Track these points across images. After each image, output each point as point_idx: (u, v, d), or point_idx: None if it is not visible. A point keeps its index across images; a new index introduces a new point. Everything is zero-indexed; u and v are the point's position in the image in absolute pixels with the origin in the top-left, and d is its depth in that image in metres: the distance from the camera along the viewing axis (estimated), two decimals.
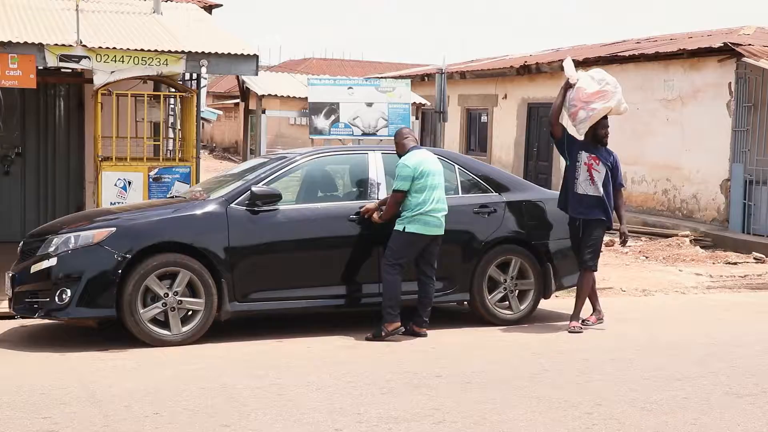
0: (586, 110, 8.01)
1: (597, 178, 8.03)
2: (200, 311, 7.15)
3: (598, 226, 8.05)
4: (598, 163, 8.05)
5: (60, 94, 11.97)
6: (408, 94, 12.89)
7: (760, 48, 14.49)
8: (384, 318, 7.42)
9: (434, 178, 7.55)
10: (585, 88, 8.06)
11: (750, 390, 6.01)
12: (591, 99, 8.01)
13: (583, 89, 8.06)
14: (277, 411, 5.36)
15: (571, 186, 8.10)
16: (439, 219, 7.55)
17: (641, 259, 12.79)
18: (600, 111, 8.01)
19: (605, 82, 8.12)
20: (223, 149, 41.38)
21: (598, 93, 8.03)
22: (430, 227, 7.51)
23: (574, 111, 8.08)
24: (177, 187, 9.44)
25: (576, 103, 8.06)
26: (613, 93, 8.09)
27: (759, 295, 10.56)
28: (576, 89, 8.09)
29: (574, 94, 8.08)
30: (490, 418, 5.30)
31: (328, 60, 50.70)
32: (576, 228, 8.13)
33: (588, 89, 8.05)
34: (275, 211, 7.49)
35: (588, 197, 8.03)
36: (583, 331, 7.89)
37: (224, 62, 9.50)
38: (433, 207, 7.50)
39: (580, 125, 8.12)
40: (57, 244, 7.06)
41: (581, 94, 8.04)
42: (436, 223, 7.53)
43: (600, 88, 8.06)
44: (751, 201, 14.05)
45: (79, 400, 5.51)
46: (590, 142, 8.15)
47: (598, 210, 8.03)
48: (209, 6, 13.71)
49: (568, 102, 8.16)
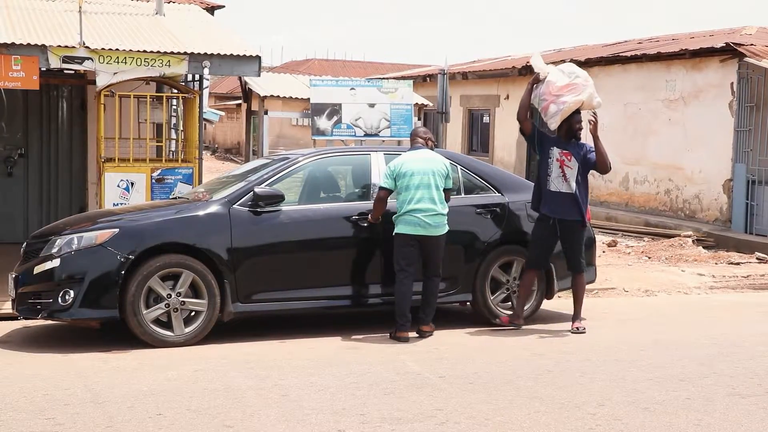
0: (556, 104, 7.92)
1: (569, 174, 7.94)
2: (203, 312, 7.15)
3: (576, 229, 7.97)
4: (570, 158, 7.97)
5: (63, 96, 11.99)
6: (410, 95, 12.90)
7: (762, 48, 14.48)
8: (396, 326, 7.45)
9: (416, 178, 7.46)
10: (555, 82, 7.97)
11: (754, 390, 6.00)
12: (561, 92, 7.93)
13: (553, 83, 7.97)
14: (280, 411, 5.36)
15: (543, 183, 8.01)
16: (422, 219, 7.44)
17: (644, 260, 12.78)
18: (571, 104, 7.93)
19: (575, 75, 8.04)
20: (225, 150, 41.39)
21: (569, 86, 7.95)
22: (413, 227, 7.45)
23: (545, 105, 7.98)
24: (179, 188, 9.45)
25: (546, 97, 7.96)
26: (584, 86, 8.02)
27: (762, 295, 10.55)
28: (546, 83, 7.99)
29: (545, 87, 7.99)
30: (493, 418, 5.30)
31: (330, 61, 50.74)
32: (547, 227, 7.95)
33: (558, 82, 7.96)
34: (278, 212, 7.50)
35: (561, 195, 7.93)
36: (587, 331, 7.88)
37: (226, 63, 9.52)
38: (414, 207, 7.43)
39: (551, 119, 8.01)
40: (60, 245, 7.07)
41: (551, 87, 7.96)
42: (419, 223, 7.44)
43: (570, 81, 7.98)
44: (753, 201, 14.04)
45: (83, 401, 5.52)
46: (562, 137, 8.07)
47: (572, 210, 7.92)
48: (211, 7, 13.72)
49: (538, 97, 8.06)
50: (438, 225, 7.51)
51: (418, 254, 7.53)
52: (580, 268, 8.02)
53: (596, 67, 17.92)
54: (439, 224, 7.52)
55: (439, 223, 7.51)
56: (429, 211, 7.45)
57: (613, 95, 17.44)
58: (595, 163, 8.02)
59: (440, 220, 7.52)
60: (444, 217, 7.55)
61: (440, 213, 7.51)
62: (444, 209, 7.56)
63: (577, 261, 8.00)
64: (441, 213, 7.52)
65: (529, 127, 8.11)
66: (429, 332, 7.60)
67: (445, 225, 7.57)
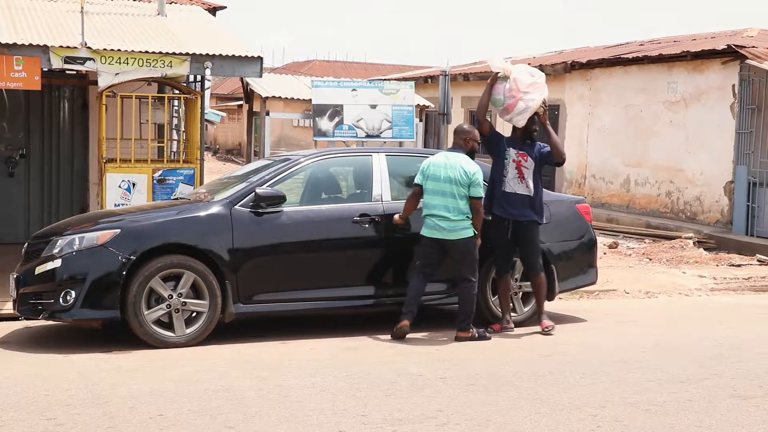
0: (525, 101, 7.91)
1: (527, 174, 7.92)
2: (204, 313, 7.16)
3: (534, 230, 7.92)
4: (527, 159, 7.96)
5: (64, 96, 12.00)
6: (412, 96, 12.90)
7: (764, 50, 14.47)
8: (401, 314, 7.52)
9: (436, 184, 7.52)
10: (522, 80, 7.97)
11: (754, 392, 6.00)
12: (529, 90, 7.94)
13: (520, 80, 7.96)
14: (281, 412, 5.36)
15: (498, 184, 7.97)
16: (437, 223, 7.48)
17: (645, 261, 12.78)
18: (538, 101, 7.94)
19: (538, 75, 8.11)
20: (226, 151, 41.41)
21: (534, 84, 7.98)
22: (430, 230, 7.54)
23: (512, 103, 7.93)
24: (181, 189, 9.45)
25: (514, 94, 7.92)
26: (544, 85, 8.09)
27: (763, 297, 10.55)
28: (513, 80, 7.95)
29: (512, 85, 7.94)
30: (494, 419, 5.30)
31: (331, 62, 50.78)
32: (504, 228, 7.91)
33: (525, 80, 7.97)
34: (279, 213, 7.50)
35: (517, 196, 7.90)
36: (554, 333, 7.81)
37: (228, 64, 9.52)
38: (430, 212, 7.51)
39: (518, 117, 7.96)
40: (61, 245, 7.07)
41: (519, 85, 7.94)
42: (435, 226, 7.51)
43: (534, 80, 8.01)
44: (754, 203, 14.04)
45: (84, 402, 5.52)
46: (518, 137, 8.04)
47: (529, 210, 7.90)
48: (213, 8, 13.73)
49: (503, 95, 7.98)
50: (452, 230, 7.48)
51: (438, 257, 7.57)
52: (537, 268, 7.95)
53: (597, 69, 17.93)
54: (453, 229, 7.48)
55: (453, 227, 7.48)
56: (441, 217, 7.49)
57: (615, 97, 17.46)
58: (550, 154, 7.99)
59: (453, 225, 7.47)
60: (457, 223, 7.47)
61: (450, 219, 7.47)
62: (457, 216, 7.47)
63: (535, 261, 7.94)
64: (453, 219, 7.47)
65: (487, 127, 8.09)
66: (465, 338, 7.51)
67: (461, 230, 7.49)
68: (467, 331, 7.52)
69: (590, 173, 18.16)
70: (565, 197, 9.29)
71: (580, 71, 18.33)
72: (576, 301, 9.72)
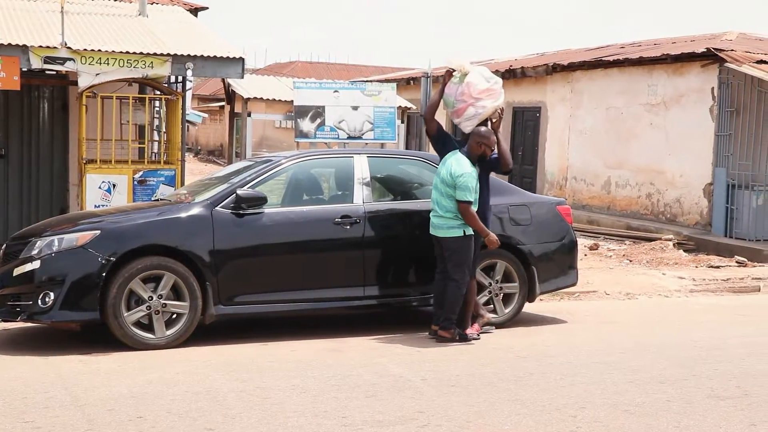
0: (475, 107, 7.75)
1: None
2: (185, 314, 7.13)
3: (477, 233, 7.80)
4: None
5: (44, 96, 11.92)
6: (394, 98, 12.92)
7: (743, 53, 14.60)
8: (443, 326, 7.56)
9: (436, 180, 7.67)
10: (476, 84, 7.77)
11: (732, 393, 6.05)
12: (481, 96, 7.76)
13: (473, 85, 7.77)
14: (261, 414, 5.35)
15: None
16: (431, 219, 7.64)
17: (625, 263, 12.84)
18: (489, 110, 7.79)
19: (494, 81, 7.90)
20: (208, 152, 41.29)
21: (488, 91, 7.79)
22: (430, 226, 7.68)
23: (462, 107, 7.78)
24: (162, 190, 9.43)
25: (466, 99, 7.76)
26: (500, 92, 7.89)
27: (741, 298, 10.63)
28: (467, 84, 7.76)
29: (464, 89, 7.76)
30: (475, 421, 5.32)
31: (313, 63, 50.73)
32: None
33: (479, 86, 7.77)
34: (260, 214, 7.49)
35: None
36: (494, 331, 7.83)
37: (210, 65, 9.51)
38: (431, 207, 7.67)
39: (467, 122, 7.82)
40: (40, 246, 7.03)
41: (472, 89, 7.76)
42: (431, 223, 7.65)
43: (489, 86, 7.81)
44: (733, 205, 14.15)
45: (62, 404, 5.49)
46: (467, 140, 7.88)
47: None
48: (195, 9, 13.70)
49: (454, 97, 7.82)
50: (440, 227, 7.57)
51: (441, 253, 7.64)
52: (474, 273, 7.83)
53: (579, 71, 18.02)
54: (442, 226, 7.55)
55: (441, 225, 7.56)
56: (434, 214, 7.63)
57: (596, 99, 17.54)
58: (497, 162, 7.93)
59: (443, 222, 7.55)
60: (445, 220, 7.52)
61: (441, 216, 7.57)
62: (445, 214, 7.53)
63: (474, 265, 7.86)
64: (442, 216, 7.56)
65: (434, 127, 7.95)
66: (445, 338, 7.49)
67: (449, 229, 7.51)
68: (449, 330, 7.53)
69: (571, 175, 18.23)
70: (545, 199, 9.31)
71: (561, 73, 18.41)
72: (556, 303, 9.76)
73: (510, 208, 8.36)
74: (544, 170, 19.02)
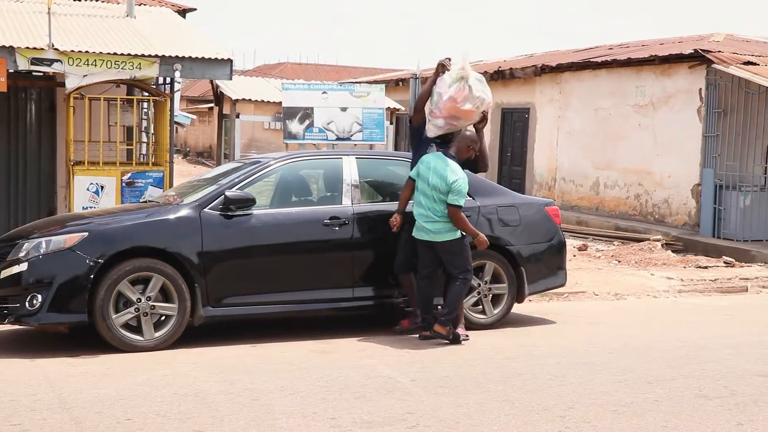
0: (446, 120, 7.72)
1: None
2: (173, 316, 7.11)
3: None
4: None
5: (31, 98, 11.87)
6: (382, 99, 12.93)
7: (730, 55, 14.67)
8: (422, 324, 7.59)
9: (424, 185, 7.57)
10: (459, 104, 7.61)
11: (719, 392, 6.07)
12: (458, 115, 7.68)
13: (455, 102, 7.60)
14: (250, 416, 5.35)
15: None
16: (423, 225, 7.56)
17: (613, 264, 12.88)
18: (458, 127, 7.80)
19: (481, 101, 7.67)
20: (197, 154, 41.22)
21: (469, 113, 7.70)
22: (419, 232, 7.61)
23: (436, 114, 7.74)
24: (150, 192, 9.41)
25: (442, 111, 7.67)
26: (479, 113, 7.77)
27: (729, 298, 10.68)
28: (450, 98, 7.61)
29: (446, 100, 7.62)
30: (463, 422, 5.32)
31: (302, 65, 50.73)
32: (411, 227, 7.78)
33: (461, 106, 7.62)
34: (249, 216, 7.48)
35: None
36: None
37: (198, 66, 9.50)
38: (418, 212, 7.60)
39: (434, 128, 7.81)
40: (28, 248, 7.00)
41: (451, 106, 7.61)
42: (422, 228, 7.58)
43: (472, 107, 7.65)
44: (721, 206, 14.21)
45: (50, 407, 5.46)
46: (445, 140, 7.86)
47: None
48: (183, 10, 13.68)
49: (437, 101, 7.69)
50: (438, 232, 7.52)
51: (433, 257, 7.60)
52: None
53: (567, 73, 18.06)
54: (439, 231, 7.52)
55: (439, 230, 7.52)
56: (425, 218, 7.56)
57: (584, 100, 17.59)
58: (475, 162, 7.93)
59: (439, 227, 7.52)
60: (442, 224, 7.50)
61: (435, 221, 7.53)
62: (441, 219, 7.50)
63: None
64: (436, 221, 7.52)
65: (419, 119, 7.94)
66: (440, 334, 7.47)
67: (447, 232, 7.51)
68: (446, 327, 7.51)
69: (560, 176, 18.28)
70: (534, 200, 9.34)
71: (550, 75, 18.45)
72: (545, 303, 9.78)
73: (499, 209, 8.38)
74: (533, 171, 19.05)
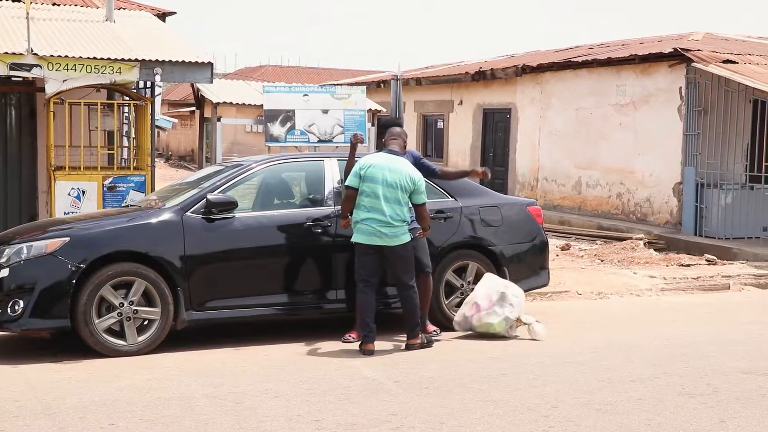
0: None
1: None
2: (156, 320, 7.09)
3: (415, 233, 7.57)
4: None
5: (11, 103, 11.79)
6: (363, 101, 12.91)
7: (709, 53, 14.76)
8: (361, 338, 7.29)
9: (375, 187, 7.25)
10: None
11: (702, 390, 6.11)
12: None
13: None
14: (234, 419, 5.34)
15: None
16: (376, 229, 7.20)
17: (596, 263, 12.93)
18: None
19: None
20: (178, 157, 41.09)
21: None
22: (368, 236, 7.25)
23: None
24: (132, 196, 9.37)
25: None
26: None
27: (711, 296, 10.74)
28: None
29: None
30: (447, 422, 5.33)
31: (283, 67, 50.64)
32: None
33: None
34: (231, 219, 7.46)
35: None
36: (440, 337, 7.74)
37: (178, 70, 9.47)
38: (367, 216, 7.24)
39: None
40: (9, 254, 6.96)
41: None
42: (374, 233, 7.23)
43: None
44: (702, 204, 14.29)
45: (33, 413, 5.44)
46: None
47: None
48: (163, 14, 13.64)
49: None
50: (393, 236, 7.25)
51: (379, 264, 7.36)
52: (426, 270, 7.70)
53: (548, 73, 18.13)
54: (395, 235, 7.25)
55: (394, 233, 7.25)
56: (381, 222, 7.23)
57: (565, 100, 17.66)
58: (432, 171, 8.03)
59: (395, 231, 7.25)
60: (398, 228, 7.26)
61: (392, 225, 7.24)
62: (399, 222, 7.25)
63: (425, 261, 7.66)
64: (393, 225, 7.24)
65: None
66: (417, 345, 7.36)
67: (402, 236, 7.28)
68: (416, 338, 7.44)
69: (542, 176, 18.34)
70: (516, 200, 9.36)
71: (531, 75, 18.52)
72: (528, 303, 9.76)
73: (481, 209, 8.40)
74: (515, 171, 19.11)
